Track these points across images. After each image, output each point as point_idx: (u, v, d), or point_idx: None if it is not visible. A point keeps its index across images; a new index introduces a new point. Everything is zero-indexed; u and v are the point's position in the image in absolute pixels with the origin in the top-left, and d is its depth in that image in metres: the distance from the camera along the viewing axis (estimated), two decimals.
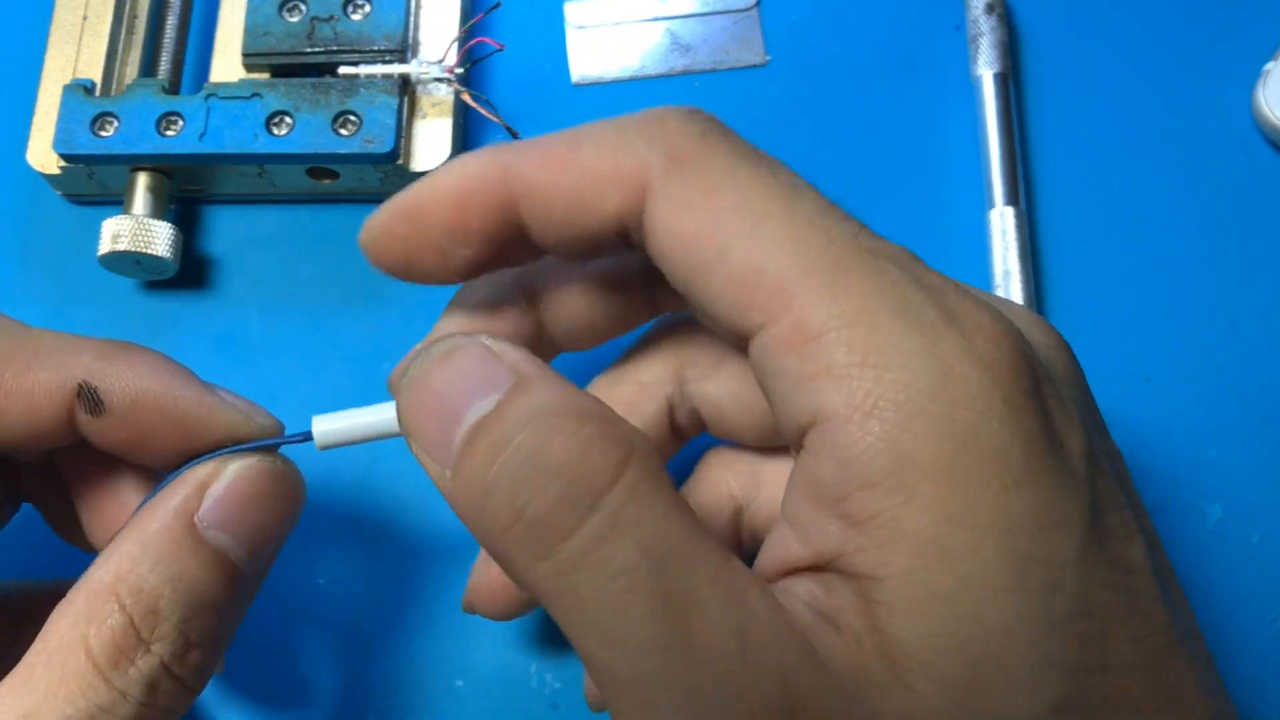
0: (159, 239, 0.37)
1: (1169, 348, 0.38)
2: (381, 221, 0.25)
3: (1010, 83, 0.40)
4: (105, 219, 0.37)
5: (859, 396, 0.20)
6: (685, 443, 0.31)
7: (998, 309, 0.22)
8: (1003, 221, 0.38)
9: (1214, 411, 0.37)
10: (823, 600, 0.21)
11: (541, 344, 0.29)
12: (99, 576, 0.24)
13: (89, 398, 0.26)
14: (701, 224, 0.22)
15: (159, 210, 0.38)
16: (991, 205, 0.38)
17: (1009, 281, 0.37)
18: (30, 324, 0.39)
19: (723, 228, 0.22)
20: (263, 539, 0.26)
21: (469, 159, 0.24)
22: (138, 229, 0.37)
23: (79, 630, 0.24)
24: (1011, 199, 0.38)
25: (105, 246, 0.37)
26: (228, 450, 0.27)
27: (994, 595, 0.20)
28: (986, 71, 0.40)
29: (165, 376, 0.26)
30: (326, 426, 0.26)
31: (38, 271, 0.40)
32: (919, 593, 0.20)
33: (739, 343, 0.23)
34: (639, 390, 0.29)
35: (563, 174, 0.24)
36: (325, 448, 0.26)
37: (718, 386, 0.29)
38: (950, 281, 0.22)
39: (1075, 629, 0.20)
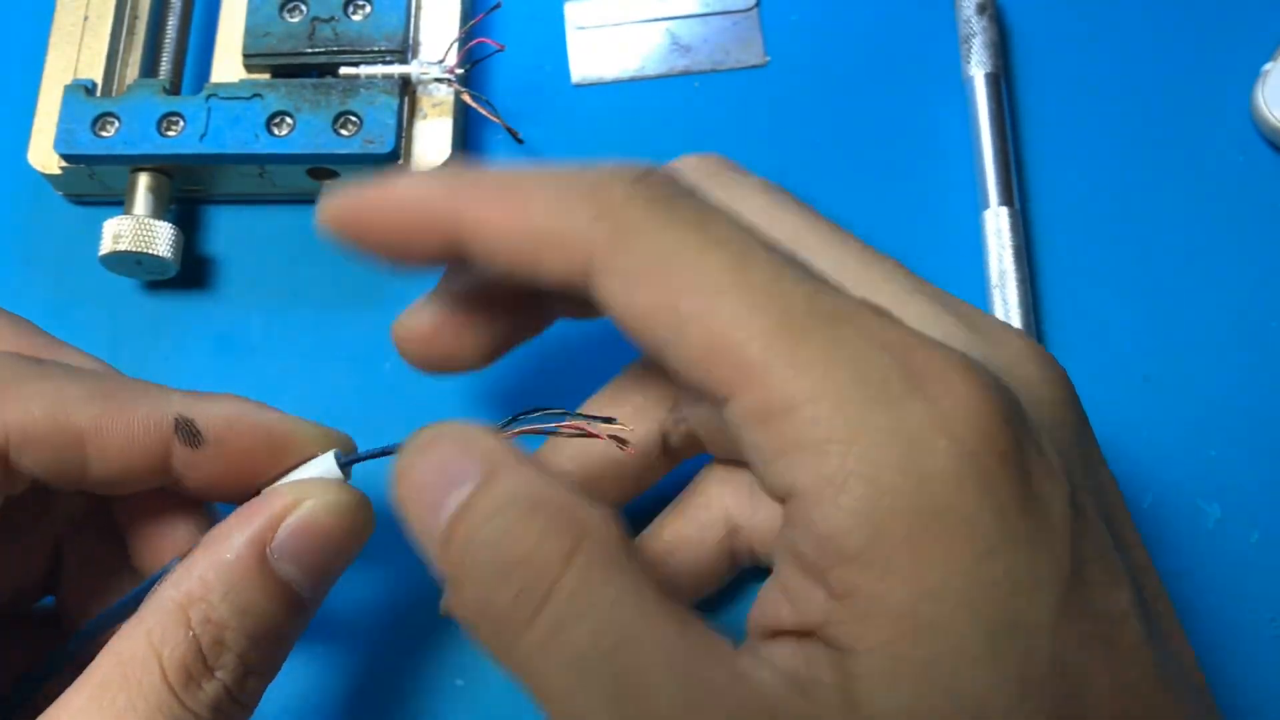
0: (160, 239, 0.37)
1: (1168, 347, 0.38)
2: (333, 211, 0.27)
3: (1002, 83, 0.40)
4: (106, 219, 0.37)
5: (829, 473, 0.21)
6: (679, 461, 0.31)
7: (970, 361, 0.22)
8: (997, 222, 0.38)
9: (1213, 411, 0.37)
10: (800, 669, 0.21)
11: (541, 315, 0.30)
12: (171, 596, 0.25)
13: (185, 429, 0.26)
14: (657, 299, 0.22)
15: (160, 210, 0.38)
16: (986, 206, 0.39)
17: (1005, 282, 0.37)
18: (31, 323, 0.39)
19: (678, 303, 0.22)
20: (328, 571, 0.27)
21: (420, 180, 0.26)
22: (139, 229, 0.37)
23: (153, 648, 0.24)
24: (1006, 199, 0.38)
25: (106, 246, 0.37)
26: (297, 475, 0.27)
27: (969, 665, 0.20)
28: (978, 72, 0.40)
29: (253, 406, 0.28)
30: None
31: (38, 272, 0.40)
32: (894, 666, 0.20)
33: (712, 402, 0.23)
34: (633, 411, 0.30)
35: (509, 224, 0.24)
36: None
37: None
38: (917, 335, 0.22)
39: (1051, 690, 0.21)
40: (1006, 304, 0.37)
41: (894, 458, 0.20)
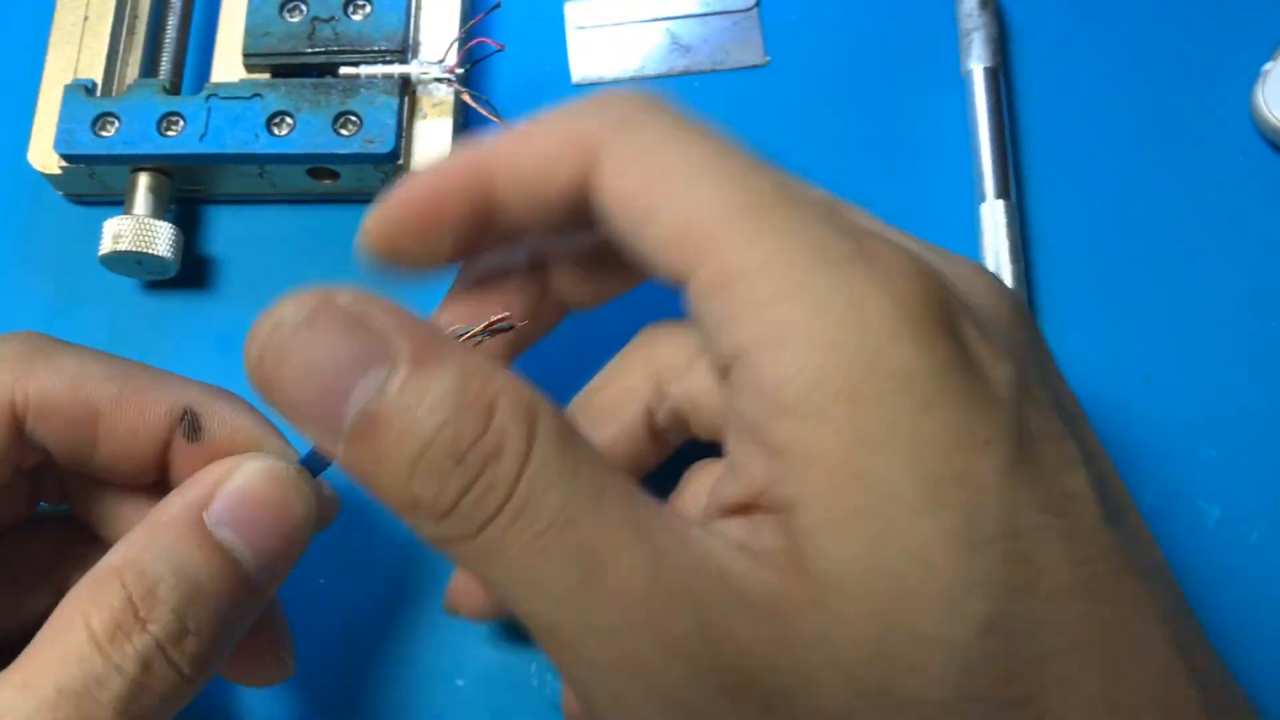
0: (160, 239, 0.37)
1: (1168, 347, 0.38)
2: (376, 220, 0.27)
3: (1001, 78, 0.40)
4: (106, 219, 0.37)
5: (771, 329, 0.21)
6: (670, 448, 0.31)
7: (915, 254, 0.23)
8: (994, 215, 0.38)
9: (1213, 411, 0.37)
10: (749, 538, 0.22)
11: (547, 305, 0.30)
12: (108, 562, 0.25)
13: (190, 421, 0.27)
14: (640, 182, 0.24)
15: (160, 210, 0.38)
16: (983, 199, 0.38)
17: (1000, 276, 0.37)
18: (31, 323, 0.39)
19: (658, 185, 0.24)
20: (271, 543, 0.26)
21: (451, 155, 0.27)
22: (139, 229, 0.37)
23: (81, 608, 0.24)
24: (1003, 192, 0.38)
25: (106, 246, 0.37)
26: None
27: (909, 515, 0.20)
28: (977, 66, 0.40)
29: (262, 423, 0.28)
30: None
31: (39, 271, 0.40)
32: (835, 514, 0.21)
33: (676, 284, 0.24)
34: (619, 395, 0.31)
35: (525, 148, 0.26)
36: None
37: (693, 382, 0.30)
38: (873, 229, 0.23)
39: (1001, 549, 0.20)
40: None
41: (834, 313, 0.21)
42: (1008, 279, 0.37)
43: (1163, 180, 0.40)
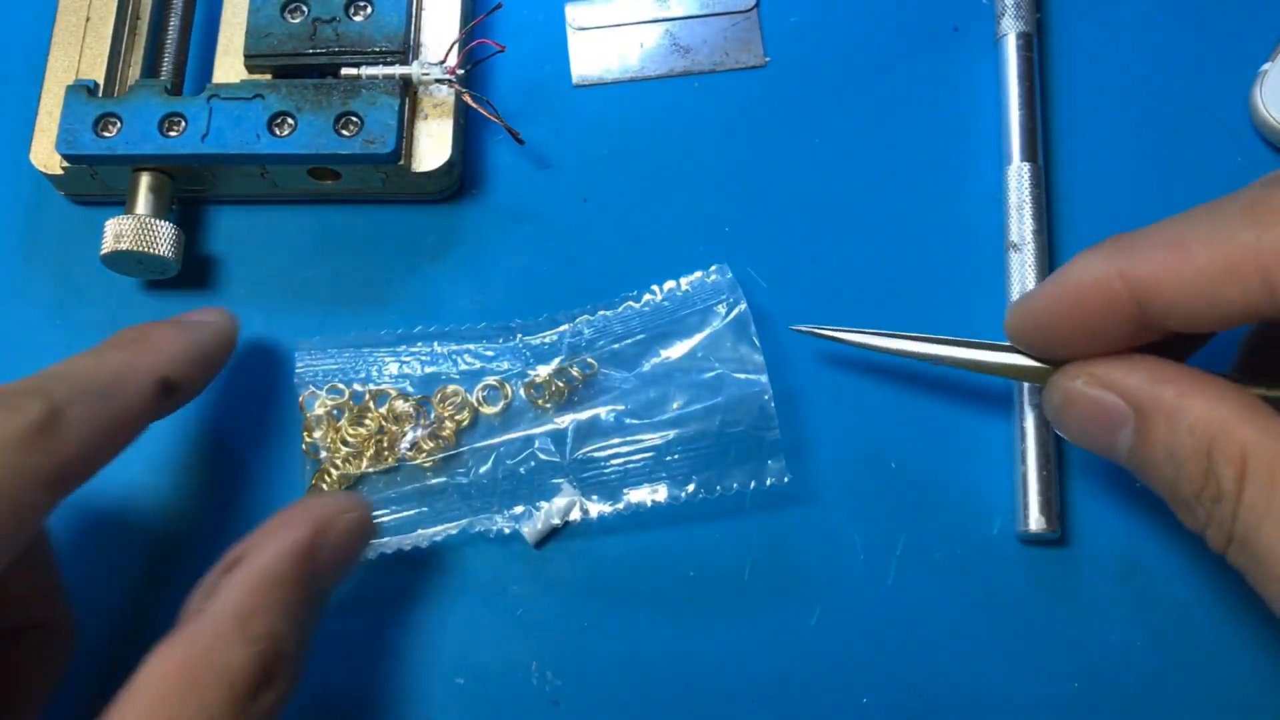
0: (161, 239, 0.37)
1: None
2: (1017, 324, 0.31)
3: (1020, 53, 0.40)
4: (108, 219, 0.37)
5: None
6: None
7: None
8: (1020, 181, 0.38)
9: None
10: None
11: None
12: (223, 611, 0.27)
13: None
14: None
15: (161, 210, 0.38)
16: (1008, 162, 0.39)
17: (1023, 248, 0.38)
18: (33, 322, 0.39)
19: None
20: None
21: (1080, 269, 0.28)
22: (140, 229, 0.37)
23: (215, 659, 0.26)
24: (1031, 159, 0.39)
25: (108, 246, 0.37)
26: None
27: None
28: (1011, 31, 0.40)
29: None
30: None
31: (40, 271, 0.40)
32: None
33: None
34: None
35: (1175, 275, 0.26)
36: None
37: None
38: None
39: None
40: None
41: None
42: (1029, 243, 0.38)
43: (1160, 180, 0.40)
